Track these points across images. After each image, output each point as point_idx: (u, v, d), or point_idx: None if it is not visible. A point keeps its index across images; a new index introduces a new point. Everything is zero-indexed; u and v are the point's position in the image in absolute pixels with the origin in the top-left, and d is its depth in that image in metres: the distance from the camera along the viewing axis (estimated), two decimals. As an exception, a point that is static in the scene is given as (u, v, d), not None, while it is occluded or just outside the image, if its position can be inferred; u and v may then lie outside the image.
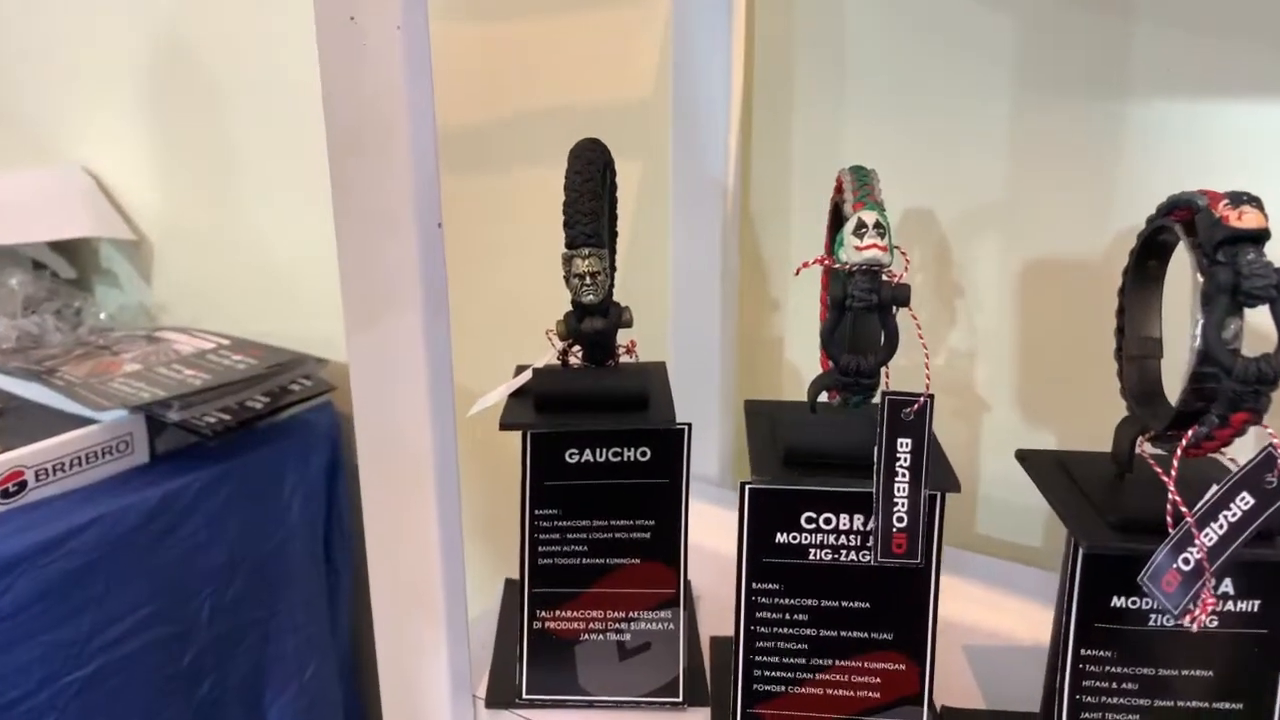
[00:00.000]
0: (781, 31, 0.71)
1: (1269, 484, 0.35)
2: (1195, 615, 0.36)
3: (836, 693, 0.43)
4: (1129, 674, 0.38)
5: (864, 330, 0.41)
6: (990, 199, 0.66)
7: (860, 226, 0.39)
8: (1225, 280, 0.34)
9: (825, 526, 0.42)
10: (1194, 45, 0.58)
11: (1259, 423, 0.35)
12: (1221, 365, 0.34)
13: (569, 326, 0.48)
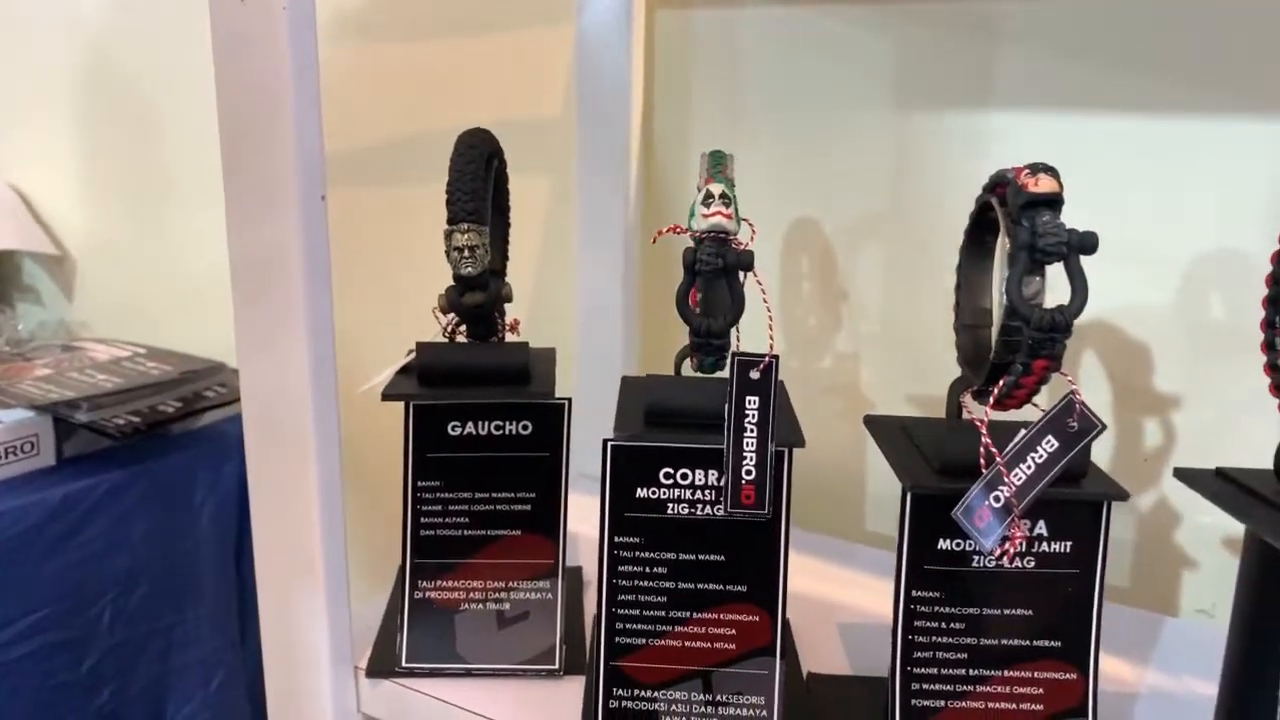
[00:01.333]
0: (679, 51, 0.75)
1: (1070, 428, 0.39)
2: (1006, 549, 0.39)
3: (695, 644, 0.45)
4: (955, 614, 0.41)
5: (714, 294, 0.44)
6: (871, 206, 0.70)
7: (708, 197, 0.42)
8: (1024, 239, 0.38)
9: (682, 481, 0.45)
10: (1045, 63, 0.63)
11: (1058, 369, 0.39)
12: (1023, 317, 0.38)
13: (450, 300, 0.50)
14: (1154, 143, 0.61)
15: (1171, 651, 0.55)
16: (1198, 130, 0.60)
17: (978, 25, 0.65)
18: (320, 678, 0.52)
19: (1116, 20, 0.61)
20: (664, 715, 0.46)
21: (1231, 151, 0.59)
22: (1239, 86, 0.58)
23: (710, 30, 0.74)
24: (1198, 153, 0.60)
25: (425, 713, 0.52)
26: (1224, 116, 0.59)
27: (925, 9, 0.66)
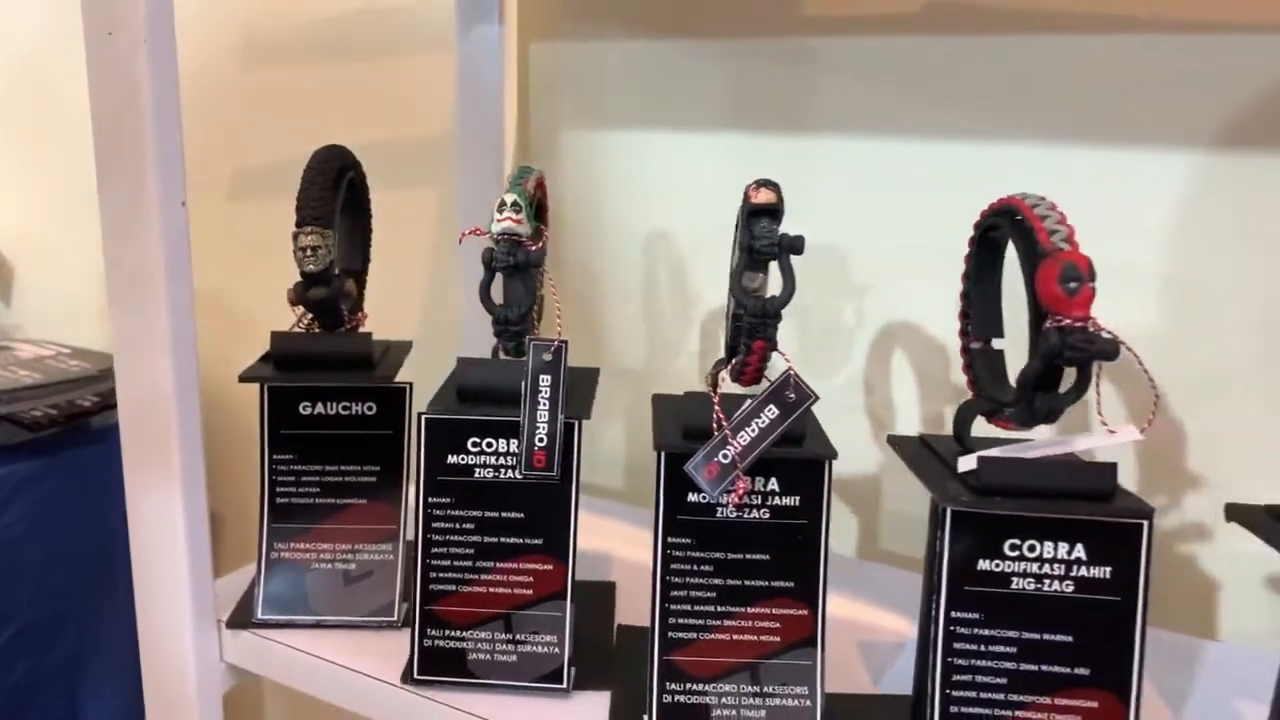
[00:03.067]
0: (550, 77, 0.83)
1: (789, 399, 0.46)
2: (730, 499, 0.46)
3: (498, 590, 0.53)
4: (704, 558, 0.48)
5: (512, 288, 0.51)
6: (718, 218, 0.78)
7: (501, 205, 0.50)
8: (745, 242, 0.46)
9: (487, 449, 0.52)
10: (856, 92, 0.71)
11: (775, 348, 0.46)
12: (742, 305, 0.46)
13: (298, 294, 0.57)
14: (949, 165, 0.69)
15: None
16: (982, 155, 0.68)
17: (802, 58, 0.73)
18: (184, 630, 0.59)
19: (918, 56, 0.69)
20: (471, 653, 0.53)
21: (1008, 172, 0.67)
22: (1016, 117, 0.67)
23: (577, 60, 0.82)
24: (984, 175, 0.68)
25: (280, 659, 0.58)
26: (1000, 143, 0.67)
27: (755, 44, 0.74)
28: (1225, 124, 0.61)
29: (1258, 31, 0.60)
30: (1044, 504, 0.41)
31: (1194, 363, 0.63)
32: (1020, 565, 0.42)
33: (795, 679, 0.49)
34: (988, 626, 0.42)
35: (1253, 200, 0.61)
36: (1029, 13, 0.66)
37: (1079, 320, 0.39)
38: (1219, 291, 0.62)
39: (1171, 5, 0.61)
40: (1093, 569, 0.41)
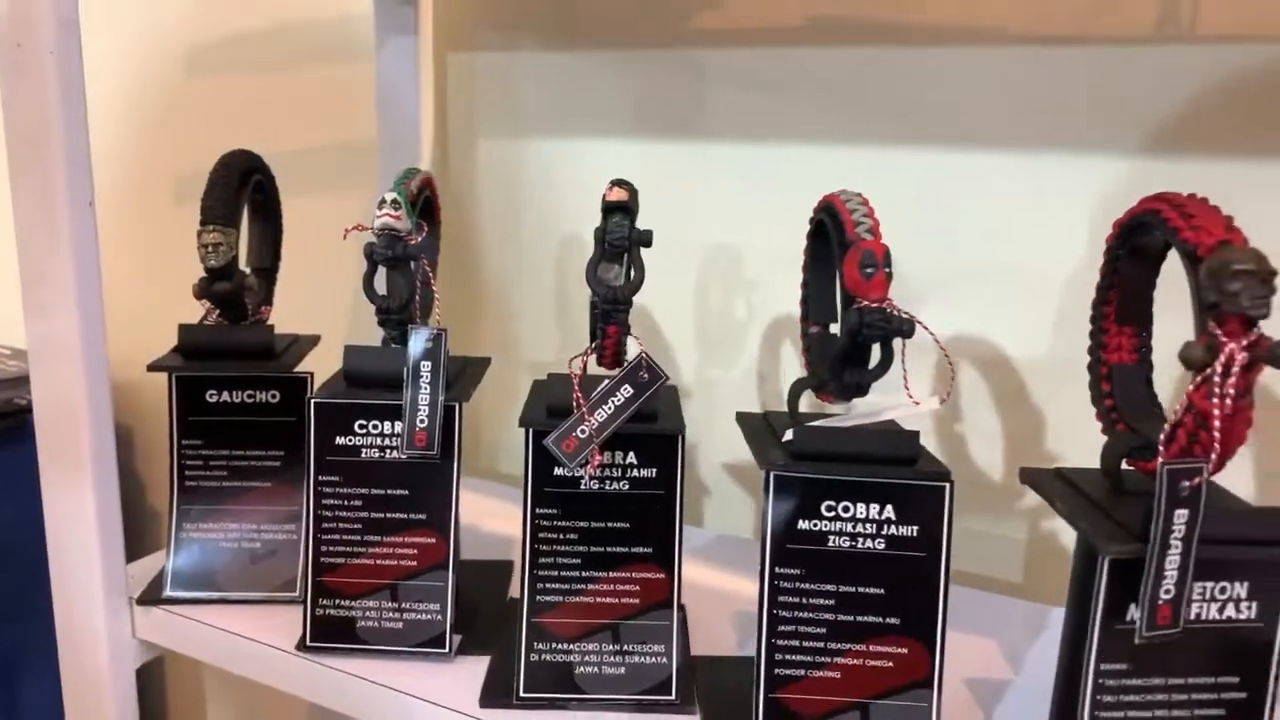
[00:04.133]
0: (466, 86, 0.87)
1: (642, 379, 0.51)
2: (587, 470, 0.50)
3: (385, 563, 0.56)
4: (568, 527, 0.52)
5: (393, 280, 0.55)
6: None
7: (381, 202, 0.54)
8: (599, 235, 0.50)
9: (373, 431, 0.56)
10: (746, 100, 0.76)
11: (628, 332, 0.50)
12: (597, 294, 0.50)
13: (202, 288, 0.61)
14: (829, 167, 0.74)
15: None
16: (859, 158, 0.73)
17: (694, 69, 0.78)
18: (97, 609, 0.62)
19: (798, 66, 0.74)
20: (359, 621, 0.56)
21: (883, 174, 0.72)
22: (889, 122, 0.72)
23: (492, 70, 0.86)
24: (861, 177, 0.73)
25: (188, 634, 0.62)
26: (875, 146, 0.72)
27: (653, 55, 0.79)
28: (1083, 132, 0.66)
29: (1111, 44, 0.65)
30: (855, 468, 0.45)
31: (1058, 352, 0.68)
32: (836, 525, 0.46)
33: (653, 638, 0.53)
34: (807, 581, 0.46)
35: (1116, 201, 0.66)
36: (902, 26, 0.71)
37: (876, 302, 0.43)
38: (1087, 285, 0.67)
39: (1039, 20, 0.66)
40: (901, 528, 0.46)
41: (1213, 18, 0.62)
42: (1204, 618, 0.40)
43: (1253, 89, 0.61)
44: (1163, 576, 0.38)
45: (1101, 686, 0.40)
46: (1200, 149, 0.63)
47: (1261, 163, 0.62)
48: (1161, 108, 0.64)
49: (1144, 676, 0.40)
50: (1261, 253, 0.37)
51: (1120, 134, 0.65)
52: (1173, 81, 0.63)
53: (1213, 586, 0.39)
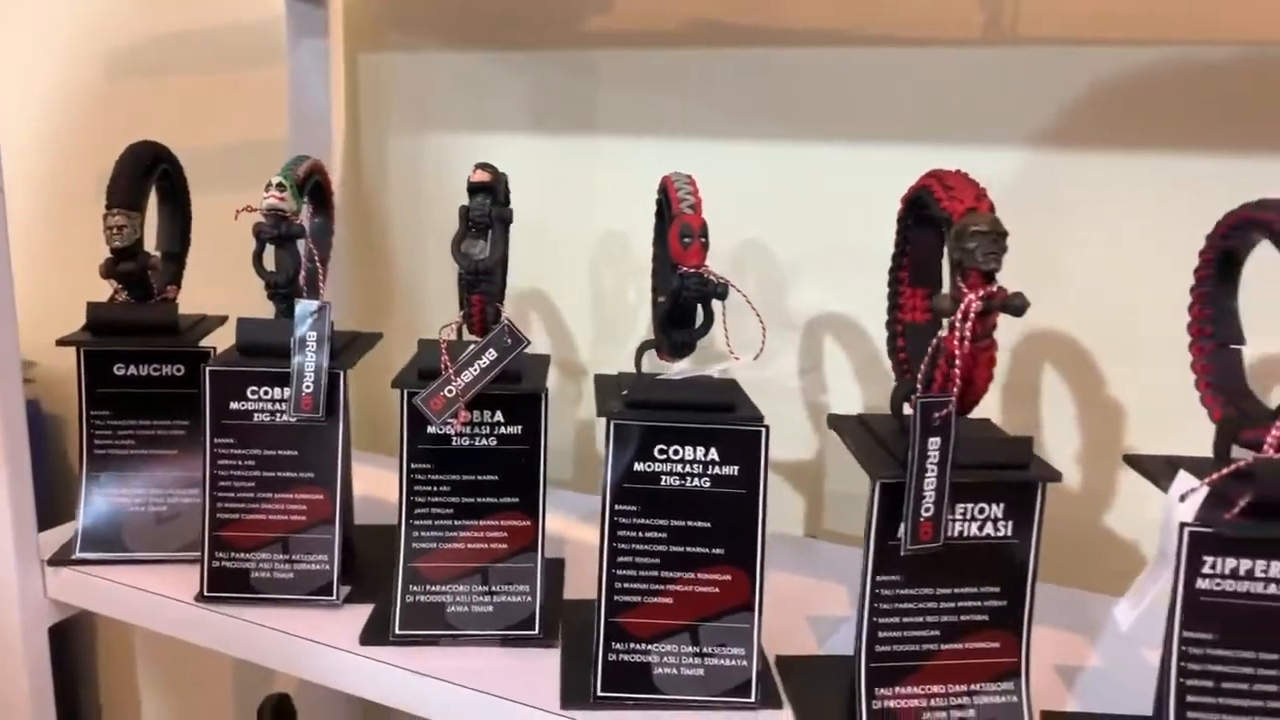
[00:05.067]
0: (377, 85, 0.92)
1: (506, 343, 0.56)
2: (451, 427, 0.56)
3: (276, 517, 0.61)
4: (441, 479, 0.58)
5: (280, 257, 0.60)
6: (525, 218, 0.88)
7: (268, 185, 0.59)
8: (463, 213, 0.55)
9: (265, 396, 0.61)
10: (638, 98, 0.82)
11: (494, 303, 0.56)
12: (462, 267, 0.55)
13: (108, 268, 0.65)
14: (710, 162, 0.80)
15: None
16: (737, 153, 0.79)
17: (587, 68, 0.83)
18: (9, 570, 0.66)
19: (683, 66, 0.80)
20: (253, 572, 0.61)
21: (762, 165, 0.78)
22: (767, 118, 0.78)
23: (402, 71, 0.91)
24: (740, 171, 0.79)
25: (97, 592, 0.66)
26: (750, 142, 0.78)
27: (551, 55, 0.85)
28: (937, 127, 0.73)
29: (951, 45, 0.71)
30: (682, 415, 0.51)
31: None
32: (667, 466, 0.52)
33: (519, 579, 0.58)
34: (642, 516, 0.52)
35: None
36: (773, 29, 0.77)
37: (693, 268, 0.49)
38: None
39: (892, 25, 0.73)
40: (724, 468, 0.52)
41: (1031, 24, 0.69)
42: (966, 535, 0.46)
43: (1073, 87, 0.68)
44: (922, 497, 0.44)
45: (878, 596, 0.46)
46: (1048, 143, 0.70)
47: (1086, 152, 0.69)
48: (1003, 104, 0.71)
49: (915, 587, 0.46)
50: (996, 218, 0.43)
51: (965, 128, 0.72)
52: (1004, 80, 0.70)
53: (972, 507, 0.45)
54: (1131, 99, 0.67)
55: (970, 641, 0.46)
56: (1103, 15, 0.68)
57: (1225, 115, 0.65)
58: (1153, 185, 0.68)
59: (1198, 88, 0.65)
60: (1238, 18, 0.64)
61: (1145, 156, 0.68)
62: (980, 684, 0.47)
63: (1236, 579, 0.41)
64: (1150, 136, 0.67)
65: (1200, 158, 0.66)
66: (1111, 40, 0.67)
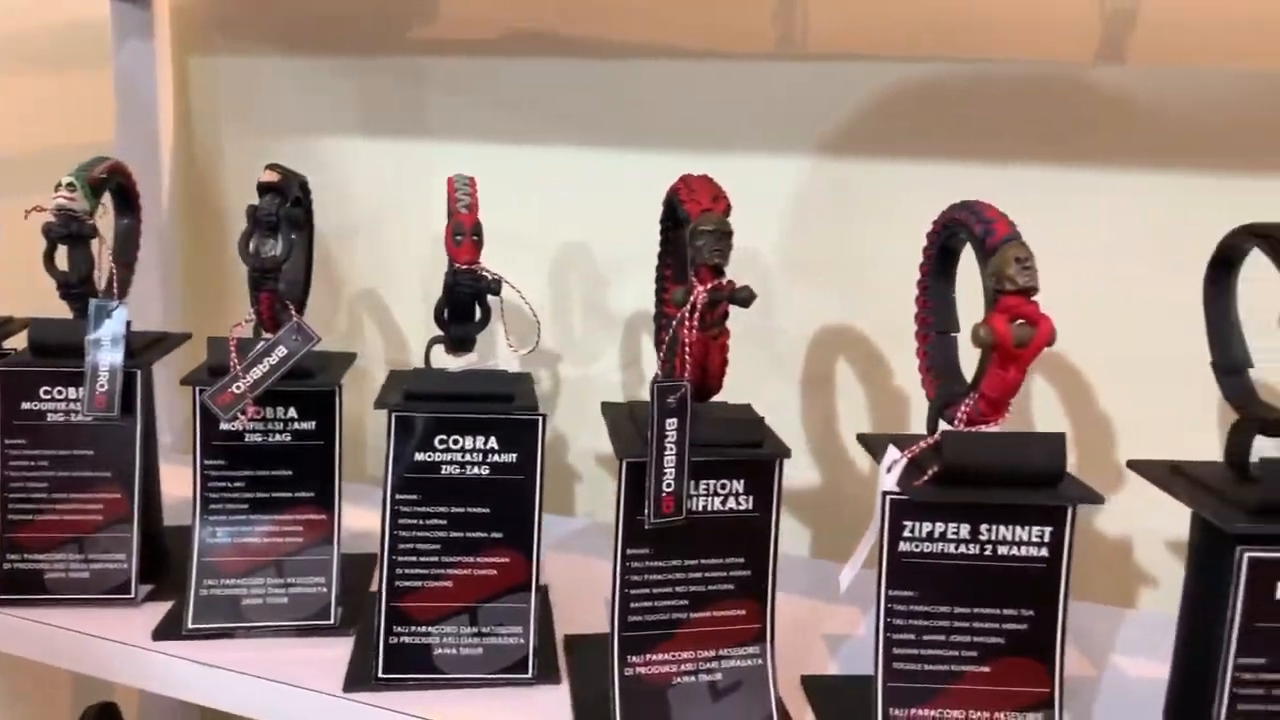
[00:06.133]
0: (209, 87, 0.92)
1: (295, 341, 0.58)
2: (239, 422, 0.57)
3: (70, 518, 0.61)
4: (235, 475, 0.59)
5: (73, 256, 0.60)
6: (360, 217, 0.89)
7: (58, 185, 0.59)
8: (250, 211, 0.57)
9: (59, 396, 0.61)
10: (458, 104, 0.84)
11: (283, 301, 0.57)
12: (249, 264, 0.57)
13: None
14: (535, 168, 0.83)
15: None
16: (561, 158, 0.82)
17: (415, 75, 0.85)
18: None
19: (504, 75, 0.83)
20: (48, 573, 0.61)
21: (580, 174, 0.81)
22: (585, 125, 0.81)
23: (233, 74, 0.91)
24: (562, 177, 0.82)
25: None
26: (571, 147, 0.81)
27: (381, 61, 0.86)
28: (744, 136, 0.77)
29: (755, 60, 0.76)
30: (462, 405, 0.54)
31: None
32: (447, 455, 0.54)
33: (315, 571, 0.60)
34: (424, 505, 0.54)
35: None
36: (591, 39, 0.80)
37: (465, 264, 0.52)
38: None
39: (708, 38, 0.77)
40: (502, 455, 0.54)
41: (821, 38, 0.75)
42: (710, 509, 0.49)
43: (861, 98, 0.74)
44: (663, 473, 0.47)
45: (629, 569, 0.49)
46: (839, 151, 0.75)
47: (874, 160, 0.74)
48: (796, 114, 0.75)
49: (664, 559, 0.49)
50: (723, 218, 0.47)
51: (762, 136, 0.76)
52: (797, 90, 0.75)
53: (714, 483, 0.49)
54: (916, 109, 0.73)
55: (718, 609, 0.50)
56: (888, 30, 0.73)
57: (1001, 125, 0.71)
58: (938, 190, 0.73)
59: (977, 100, 0.71)
60: (1013, 37, 0.70)
61: (930, 164, 0.73)
62: (728, 649, 0.50)
63: (932, 541, 0.45)
64: (935, 145, 0.73)
65: (979, 165, 0.72)
66: (896, 55, 0.73)
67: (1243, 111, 0.66)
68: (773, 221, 0.78)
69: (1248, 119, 0.66)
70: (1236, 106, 0.66)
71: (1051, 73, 0.69)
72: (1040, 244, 0.45)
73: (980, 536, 0.45)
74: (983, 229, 0.45)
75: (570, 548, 0.75)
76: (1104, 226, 0.69)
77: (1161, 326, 0.64)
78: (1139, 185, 0.68)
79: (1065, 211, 0.70)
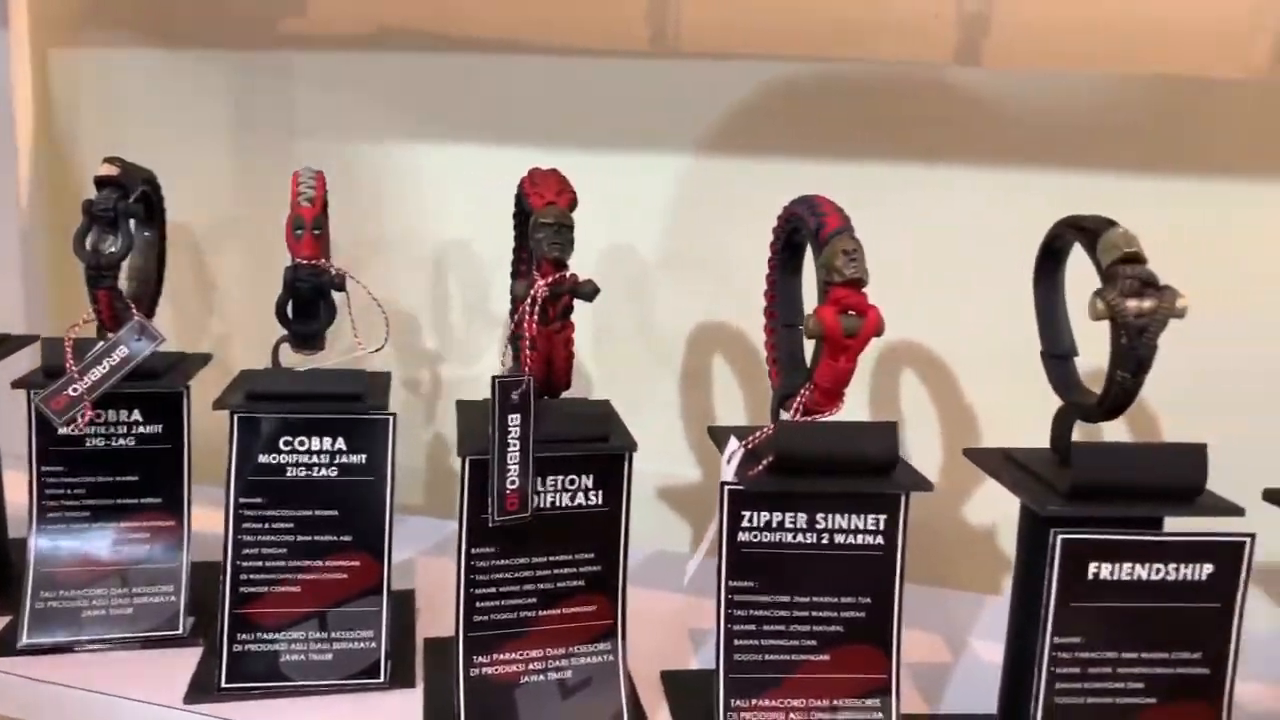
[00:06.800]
0: (71, 81, 0.88)
1: (138, 339, 0.55)
2: (75, 426, 0.54)
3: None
4: (76, 482, 0.56)
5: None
6: (222, 211, 0.87)
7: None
8: (85, 207, 0.54)
9: (-119, 403, 0.57)
10: (326, 99, 0.83)
11: (119, 298, 0.55)
12: (84, 261, 0.54)
13: None
14: (400, 163, 0.81)
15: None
16: (431, 154, 0.81)
17: (284, 70, 0.83)
18: None
19: (374, 69, 0.81)
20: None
21: (456, 170, 0.80)
22: (458, 120, 0.80)
23: (96, 67, 0.88)
24: (434, 174, 0.81)
25: None
26: (444, 144, 0.80)
27: (248, 56, 0.84)
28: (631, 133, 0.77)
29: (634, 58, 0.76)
30: (310, 405, 0.52)
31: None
32: (293, 457, 0.53)
33: (163, 580, 0.57)
34: (270, 508, 0.52)
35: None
36: (461, 35, 0.79)
37: (305, 259, 0.51)
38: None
39: (579, 34, 0.77)
40: (352, 456, 0.53)
41: (693, 38, 0.75)
42: (559, 505, 0.49)
43: (734, 97, 0.74)
44: (506, 470, 0.47)
45: (473, 568, 0.48)
46: (712, 149, 0.76)
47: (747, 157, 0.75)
48: (670, 112, 0.76)
49: (510, 557, 0.49)
50: (563, 210, 0.47)
51: (637, 134, 0.76)
52: (670, 89, 0.75)
53: (563, 479, 0.49)
54: (785, 108, 0.74)
55: (568, 606, 0.50)
56: (758, 31, 0.74)
57: (867, 124, 0.72)
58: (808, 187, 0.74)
59: (844, 100, 0.73)
60: (877, 38, 0.72)
61: (799, 162, 0.74)
62: (578, 645, 0.50)
63: (771, 531, 0.46)
64: (804, 143, 0.74)
65: (846, 163, 0.74)
66: (767, 54, 0.74)
67: (1081, 112, 0.69)
68: (650, 219, 0.78)
69: (1084, 119, 0.69)
70: (1077, 107, 0.69)
71: (910, 73, 0.71)
72: (897, 238, 0.45)
73: (817, 525, 0.46)
74: (816, 222, 0.46)
75: (448, 550, 0.74)
76: (953, 220, 0.71)
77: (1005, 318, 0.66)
78: (984, 182, 0.70)
79: (923, 206, 0.72)
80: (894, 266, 0.76)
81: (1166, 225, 0.69)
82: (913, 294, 0.64)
